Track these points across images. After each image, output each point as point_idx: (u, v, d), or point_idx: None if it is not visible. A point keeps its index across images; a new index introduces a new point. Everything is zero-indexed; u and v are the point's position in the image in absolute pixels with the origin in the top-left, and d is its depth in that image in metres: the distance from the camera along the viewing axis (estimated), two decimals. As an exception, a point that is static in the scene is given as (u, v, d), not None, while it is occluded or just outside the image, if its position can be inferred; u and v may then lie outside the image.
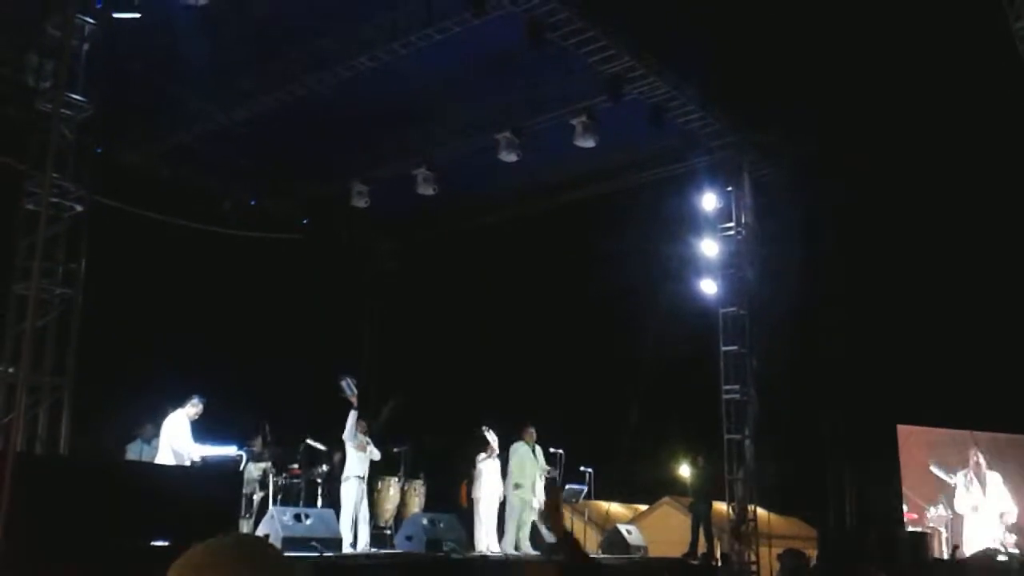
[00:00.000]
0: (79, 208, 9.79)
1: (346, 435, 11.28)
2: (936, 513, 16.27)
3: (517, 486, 12.10)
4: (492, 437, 12.49)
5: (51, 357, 9.33)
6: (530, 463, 12.24)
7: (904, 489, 16.57)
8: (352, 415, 11.23)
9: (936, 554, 14.31)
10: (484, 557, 11.62)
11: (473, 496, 12.60)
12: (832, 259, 16.59)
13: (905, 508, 16.42)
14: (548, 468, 12.57)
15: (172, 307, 13.83)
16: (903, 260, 15.97)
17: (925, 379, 15.85)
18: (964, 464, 16.71)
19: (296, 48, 12.17)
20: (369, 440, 11.57)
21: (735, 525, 13.66)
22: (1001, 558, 14.05)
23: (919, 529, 15.55)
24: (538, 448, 12.46)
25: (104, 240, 10.50)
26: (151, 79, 12.27)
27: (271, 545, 1.55)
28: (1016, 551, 15.06)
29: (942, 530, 15.78)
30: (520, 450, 12.28)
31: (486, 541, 12.25)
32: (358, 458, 11.28)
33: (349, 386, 11.23)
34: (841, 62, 13.07)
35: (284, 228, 16.10)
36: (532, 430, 12.43)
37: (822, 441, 16.85)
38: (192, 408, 10.09)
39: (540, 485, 12.22)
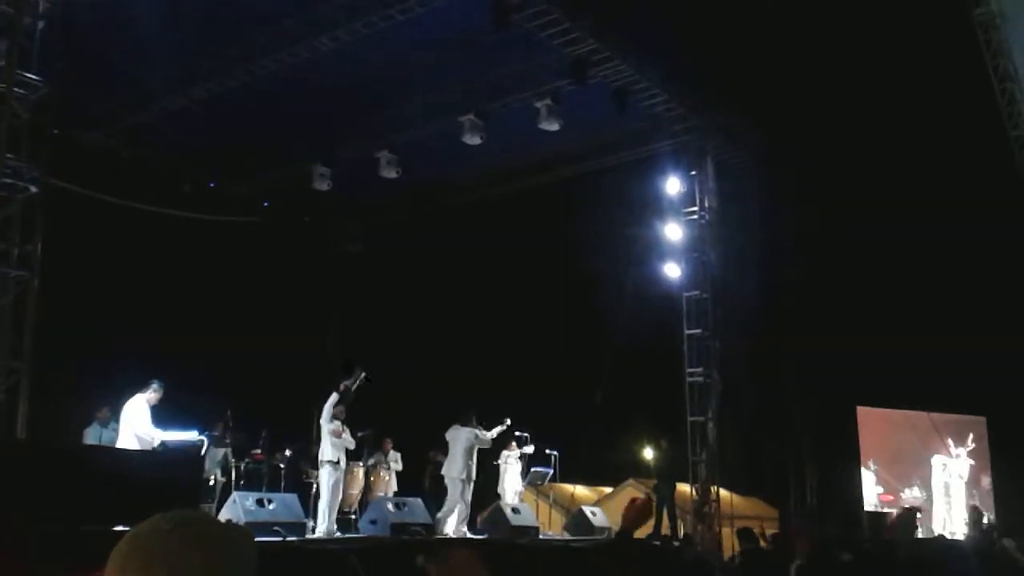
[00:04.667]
0: (34, 189, 9.60)
1: (323, 418, 11.19)
2: (911, 495, 16.56)
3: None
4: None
5: (8, 340, 9.15)
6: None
7: (879, 472, 16.83)
8: (333, 397, 11.14)
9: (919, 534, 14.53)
10: (450, 539, 11.62)
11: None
12: (794, 243, 16.77)
13: (881, 491, 16.69)
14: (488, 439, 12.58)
15: (131, 290, 13.63)
16: (863, 244, 16.15)
17: (884, 362, 16.06)
18: (937, 447, 17.03)
19: (256, 28, 11.97)
20: (345, 428, 11.49)
21: (698, 506, 13.78)
22: (959, 537, 14.36)
23: (878, 509, 15.83)
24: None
25: (61, 222, 10.31)
26: (108, 58, 12.01)
27: (214, 522, 1.52)
28: (974, 532, 15.35)
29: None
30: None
31: (453, 524, 12.28)
32: (332, 444, 11.19)
33: (358, 376, 11.15)
34: (805, 50, 13.19)
35: (245, 211, 15.91)
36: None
37: (784, 423, 17.06)
38: (152, 393, 9.94)
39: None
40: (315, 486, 11.60)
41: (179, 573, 1.36)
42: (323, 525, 10.83)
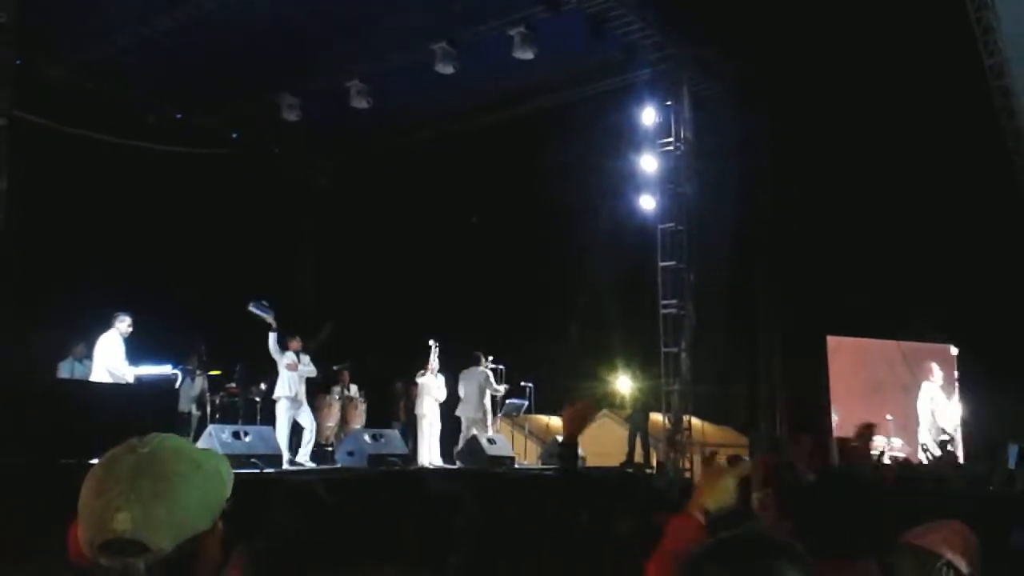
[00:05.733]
0: (1, 121, 9.35)
1: (273, 354, 11.16)
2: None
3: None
4: (435, 352, 12.66)
5: (-27, 276, 9.00)
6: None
7: (850, 401, 17.06)
8: (272, 336, 11.11)
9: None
10: (425, 469, 11.76)
11: (416, 412, 12.78)
12: (768, 174, 16.77)
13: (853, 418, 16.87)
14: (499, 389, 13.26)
15: (100, 225, 13.41)
16: (834, 175, 16.18)
17: (855, 292, 16.24)
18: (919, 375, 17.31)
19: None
20: (302, 356, 11.46)
21: (671, 434, 13.99)
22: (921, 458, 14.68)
23: (846, 436, 16.10)
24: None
25: (27, 156, 10.07)
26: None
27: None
28: (936, 453, 15.71)
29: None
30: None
31: (428, 456, 12.44)
32: (288, 377, 11.20)
33: (261, 308, 11.04)
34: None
35: (213, 143, 15.61)
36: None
37: (754, 352, 17.27)
38: (121, 324, 9.85)
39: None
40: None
41: (154, 492, 1.34)
42: (286, 455, 10.89)
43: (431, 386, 12.73)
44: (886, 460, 14.80)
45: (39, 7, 10.75)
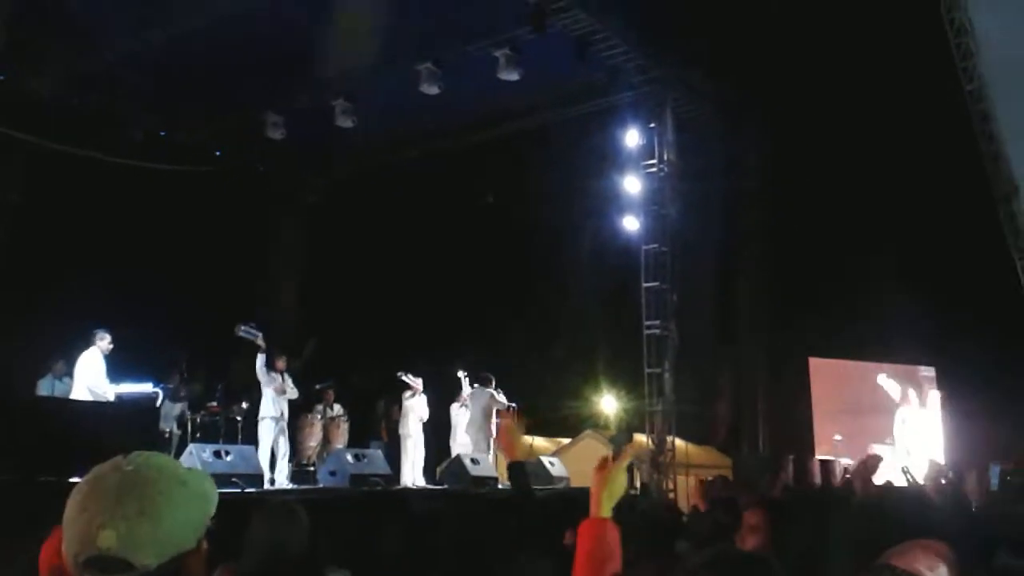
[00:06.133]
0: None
1: (260, 376, 11.09)
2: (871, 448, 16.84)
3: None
4: (412, 379, 12.69)
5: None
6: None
7: (832, 423, 17.10)
8: (260, 358, 11.04)
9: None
10: (408, 490, 11.72)
11: (400, 432, 12.75)
12: (752, 196, 16.90)
13: (837, 438, 16.92)
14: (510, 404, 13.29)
15: (83, 242, 13.35)
16: (818, 198, 16.32)
17: (837, 314, 16.34)
18: (895, 400, 17.37)
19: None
20: (287, 379, 11.41)
21: (654, 455, 13.99)
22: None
23: (828, 457, 16.16)
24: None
25: (9, 172, 10.05)
26: (57, 2, 11.61)
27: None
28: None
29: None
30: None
31: (412, 475, 12.40)
32: (273, 399, 11.14)
33: (249, 331, 10.97)
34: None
35: (198, 160, 15.58)
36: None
37: (737, 374, 17.33)
38: (101, 342, 9.77)
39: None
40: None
41: (138, 509, 1.35)
42: (267, 475, 10.78)
43: (416, 406, 12.73)
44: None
45: (24, 22, 10.75)
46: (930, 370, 17.93)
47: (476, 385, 13.09)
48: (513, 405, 13.39)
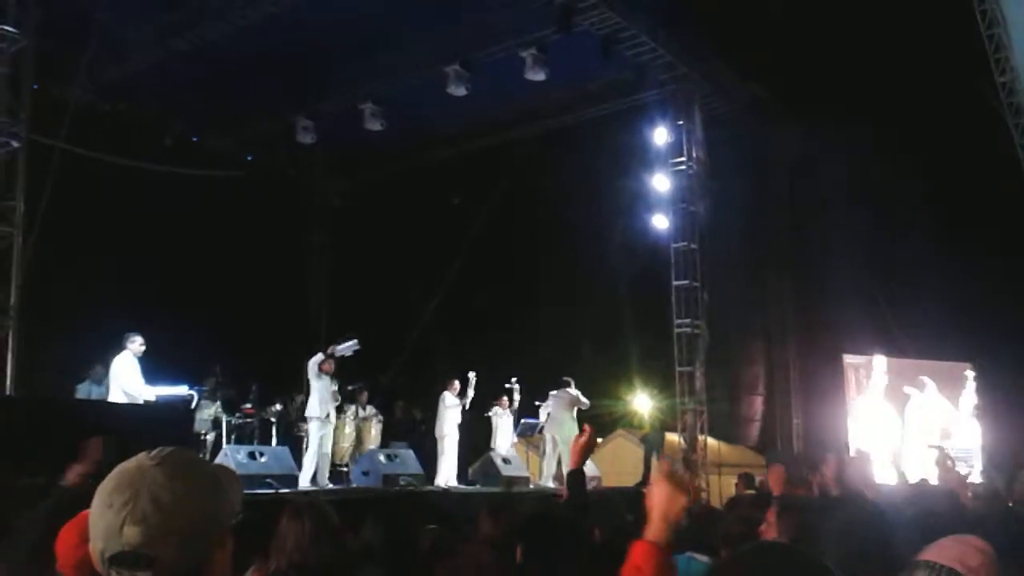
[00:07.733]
0: (15, 144, 9.48)
1: (310, 374, 11.18)
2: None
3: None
4: (456, 386, 12.90)
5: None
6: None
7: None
8: (318, 356, 11.14)
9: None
10: (444, 491, 11.75)
11: (437, 434, 12.76)
12: (782, 193, 16.75)
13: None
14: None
15: (116, 246, 13.48)
16: (848, 193, 16.14)
17: (872, 311, 16.13)
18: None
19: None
20: (334, 382, 11.51)
21: (686, 454, 13.91)
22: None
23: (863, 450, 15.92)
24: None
25: (43, 177, 10.18)
26: (87, 10, 11.74)
27: (198, 458, 1.51)
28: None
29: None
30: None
31: (446, 475, 12.43)
32: (320, 400, 11.20)
33: (344, 349, 11.18)
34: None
35: (228, 165, 15.72)
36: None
37: (771, 371, 17.17)
38: (133, 344, 9.83)
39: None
40: (305, 440, 11.66)
41: (162, 504, 1.35)
42: (308, 475, 10.82)
43: (452, 407, 12.76)
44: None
45: (55, 31, 10.89)
46: (966, 366, 17.61)
47: (554, 392, 13.27)
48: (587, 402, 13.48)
